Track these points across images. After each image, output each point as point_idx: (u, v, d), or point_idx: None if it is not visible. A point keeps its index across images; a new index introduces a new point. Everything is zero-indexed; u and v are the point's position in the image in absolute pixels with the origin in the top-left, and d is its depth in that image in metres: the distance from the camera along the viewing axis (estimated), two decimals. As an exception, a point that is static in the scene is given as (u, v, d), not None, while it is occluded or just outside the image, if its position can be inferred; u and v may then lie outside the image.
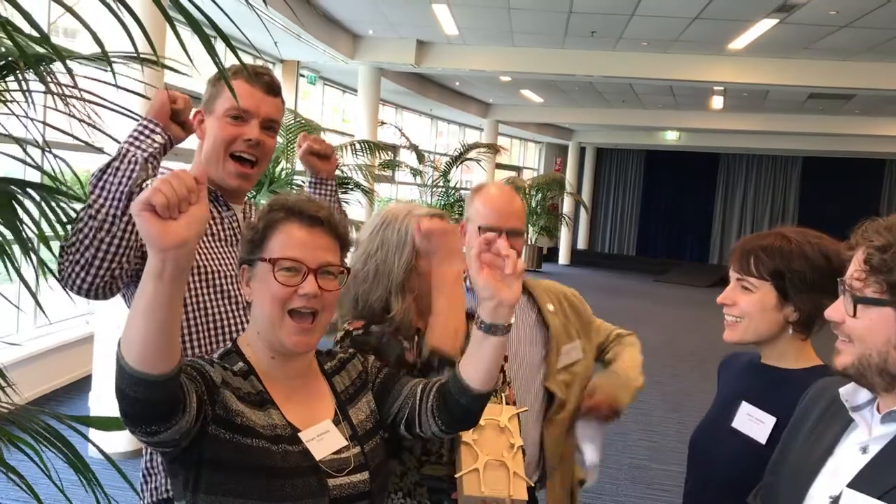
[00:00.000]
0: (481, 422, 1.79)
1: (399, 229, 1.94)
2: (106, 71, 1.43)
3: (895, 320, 1.34)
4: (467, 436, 1.82)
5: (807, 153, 21.55)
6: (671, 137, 20.65)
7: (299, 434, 1.51)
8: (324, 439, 1.54)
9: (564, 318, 2.46)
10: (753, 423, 1.88)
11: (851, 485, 1.34)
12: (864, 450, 1.39)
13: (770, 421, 1.85)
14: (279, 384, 1.55)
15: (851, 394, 1.44)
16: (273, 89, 2.03)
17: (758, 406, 1.89)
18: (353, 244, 1.92)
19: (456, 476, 1.81)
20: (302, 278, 1.50)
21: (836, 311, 1.43)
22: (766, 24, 8.92)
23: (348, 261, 1.69)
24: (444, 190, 13.07)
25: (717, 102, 14.99)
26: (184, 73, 1.88)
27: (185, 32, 1.19)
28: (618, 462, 5.83)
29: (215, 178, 2.01)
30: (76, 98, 1.57)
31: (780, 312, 1.89)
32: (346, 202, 7.73)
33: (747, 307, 1.91)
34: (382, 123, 12.34)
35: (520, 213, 2.40)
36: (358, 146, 8.33)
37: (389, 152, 10.76)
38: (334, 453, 1.54)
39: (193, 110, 2.01)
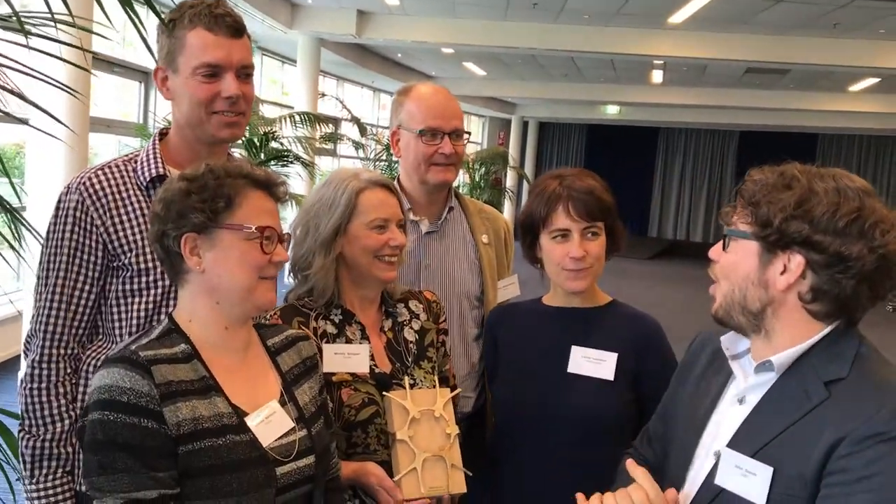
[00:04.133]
0: (416, 414, 1.76)
1: (337, 188, 1.89)
2: (19, 33, 1.34)
3: (757, 255, 1.35)
4: (403, 433, 1.75)
5: (744, 127, 21.96)
6: (612, 111, 20.81)
7: (246, 419, 1.46)
8: (271, 421, 1.49)
9: (496, 253, 2.40)
10: (593, 363, 1.95)
11: (730, 444, 1.36)
12: (741, 400, 1.40)
13: (612, 357, 1.94)
14: (225, 359, 1.50)
15: (732, 342, 1.46)
16: (239, 30, 1.78)
17: (589, 347, 1.96)
18: None
19: (394, 480, 1.75)
20: (274, 245, 1.49)
21: (715, 250, 1.45)
22: (704, -2, 8.99)
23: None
24: (386, 163, 12.95)
25: (657, 77, 15.13)
26: (108, 38, 1.77)
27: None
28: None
29: (200, 138, 1.82)
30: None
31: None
32: (286, 176, 7.60)
33: (597, 252, 1.97)
34: (323, 95, 12.13)
35: (460, 113, 2.30)
36: (298, 118, 8.17)
37: (330, 125, 10.60)
38: (281, 437, 1.49)
39: (154, 67, 1.82)
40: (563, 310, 2.04)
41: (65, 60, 1.72)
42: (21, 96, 1.55)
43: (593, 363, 1.94)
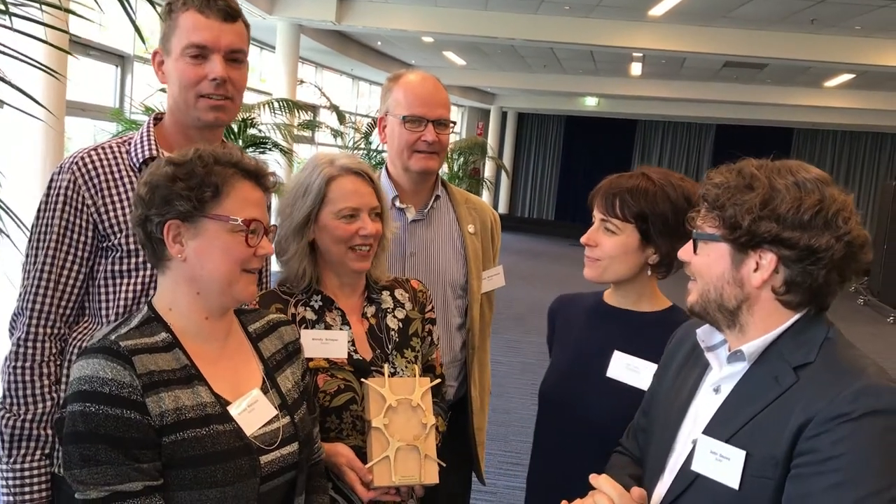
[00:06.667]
0: (393, 402, 1.77)
1: (311, 173, 1.89)
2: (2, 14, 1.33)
3: (728, 256, 1.38)
4: (378, 420, 1.76)
5: (720, 121, 22.10)
6: (591, 103, 20.86)
7: (229, 408, 1.45)
8: (254, 410, 1.48)
9: (482, 244, 2.39)
10: (632, 371, 1.91)
11: (706, 430, 1.39)
12: (717, 390, 1.44)
13: (650, 369, 1.88)
14: (206, 347, 1.48)
15: (707, 334, 1.49)
16: (231, 14, 1.80)
17: (632, 354, 1.92)
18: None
19: (366, 466, 1.76)
20: (259, 238, 1.47)
21: (685, 251, 1.47)
22: (684, -9, 9.03)
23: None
24: (365, 152, 12.91)
25: (636, 69, 15.18)
26: (89, 20, 1.76)
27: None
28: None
29: (189, 122, 1.83)
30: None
31: (641, 254, 1.92)
32: (264, 163, 7.53)
33: (610, 249, 1.92)
34: (302, 82, 12.06)
35: (446, 102, 2.29)
36: (276, 105, 8.11)
37: (309, 112, 10.54)
38: (264, 425, 1.48)
39: (152, 51, 1.84)
40: (617, 310, 2.01)
41: (46, 42, 1.71)
42: (3, 79, 1.53)
43: (633, 371, 1.90)
